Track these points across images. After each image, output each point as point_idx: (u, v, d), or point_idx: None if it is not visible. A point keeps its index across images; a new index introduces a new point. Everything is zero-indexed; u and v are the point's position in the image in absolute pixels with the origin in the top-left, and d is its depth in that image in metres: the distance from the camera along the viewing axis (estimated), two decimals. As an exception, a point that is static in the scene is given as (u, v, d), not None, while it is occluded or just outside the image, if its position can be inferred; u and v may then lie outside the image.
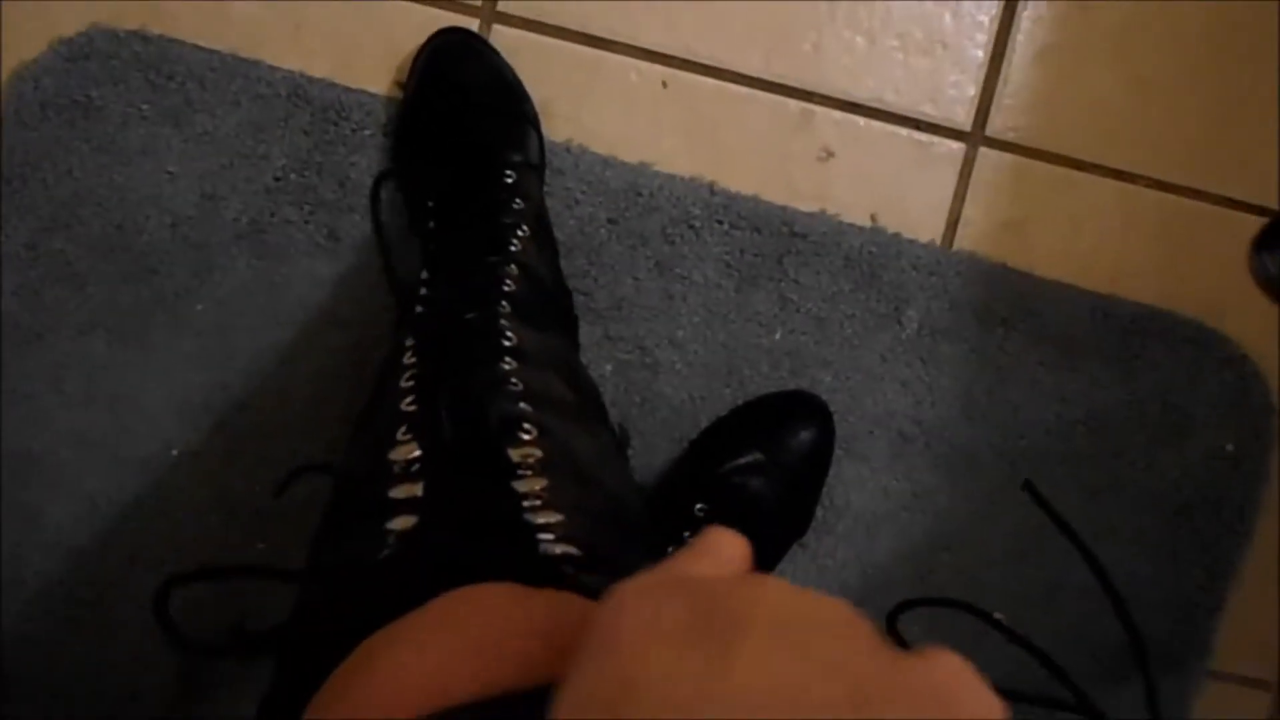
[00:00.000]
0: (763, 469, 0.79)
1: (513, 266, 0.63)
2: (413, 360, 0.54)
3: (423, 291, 0.63)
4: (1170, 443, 0.86)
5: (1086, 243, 0.85)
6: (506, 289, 0.60)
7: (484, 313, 0.57)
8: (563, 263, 0.79)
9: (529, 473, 0.44)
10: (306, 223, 0.79)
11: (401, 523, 0.41)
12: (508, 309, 0.58)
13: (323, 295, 0.80)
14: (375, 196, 0.73)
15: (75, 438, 0.79)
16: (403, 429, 0.47)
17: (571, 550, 0.39)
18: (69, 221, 0.78)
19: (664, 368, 0.82)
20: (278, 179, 0.79)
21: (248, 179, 0.79)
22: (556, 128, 0.81)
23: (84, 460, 0.79)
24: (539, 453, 0.45)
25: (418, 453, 0.45)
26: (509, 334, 0.55)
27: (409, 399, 0.50)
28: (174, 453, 0.80)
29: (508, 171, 0.71)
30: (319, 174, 0.79)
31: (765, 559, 0.80)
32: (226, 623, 0.71)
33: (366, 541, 0.41)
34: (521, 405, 0.49)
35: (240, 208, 0.79)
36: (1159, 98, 0.84)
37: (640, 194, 0.81)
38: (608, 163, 0.81)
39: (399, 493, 0.43)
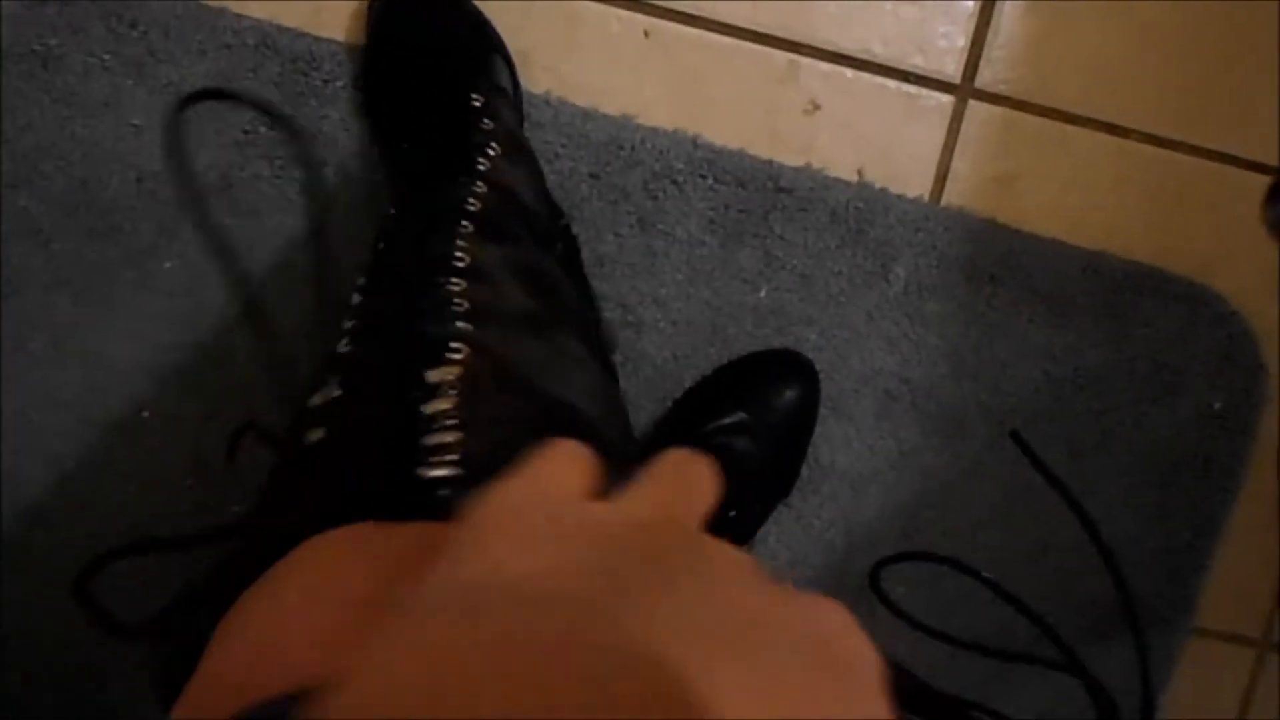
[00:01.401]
0: (747, 429, 0.78)
1: (480, 185, 0.60)
2: (358, 300, 0.52)
3: (386, 226, 0.60)
4: (1160, 401, 0.85)
5: (1078, 198, 0.84)
6: (470, 208, 0.57)
7: (441, 235, 0.55)
8: (543, 219, 0.77)
9: (449, 391, 0.42)
10: (277, 178, 0.77)
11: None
12: (470, 229, 0.55)
13: (294, 252, 0.78)
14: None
15: (43, 398, 0.77)
16: (332, 371, 0.45)
17: (449, 472, 0.37)
18: (31, 177, 0.75)
19: (647, 326, 0.80)
20: (246, 132, 0.76)
21: (216, 132, 0.76)
22: (535, 79, 0.78)
23: (52, 421, 0.77)
24: (459, 370, 0.43)
25: (337, 393, 0.43)
26: (460, 255, 0.52)
27: (345, 340, 0.48)
28: (144, 414, 0.78)
29: (474, 96, 0.68)
30: (289, 128, 0.77)
31: (750, 519, 0.79)
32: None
33: (280, 492, 0.40)
34: (458, 325, 0.46)
35: (209, 162, 0.76)
36: (1154, 50, 0.82)
37: (622, 148, 0.78)
38: (588, 115, 0.78)
39: (313, 436, 0.41)
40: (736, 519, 0.77)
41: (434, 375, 0.42)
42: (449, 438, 0.39)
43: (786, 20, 0.80)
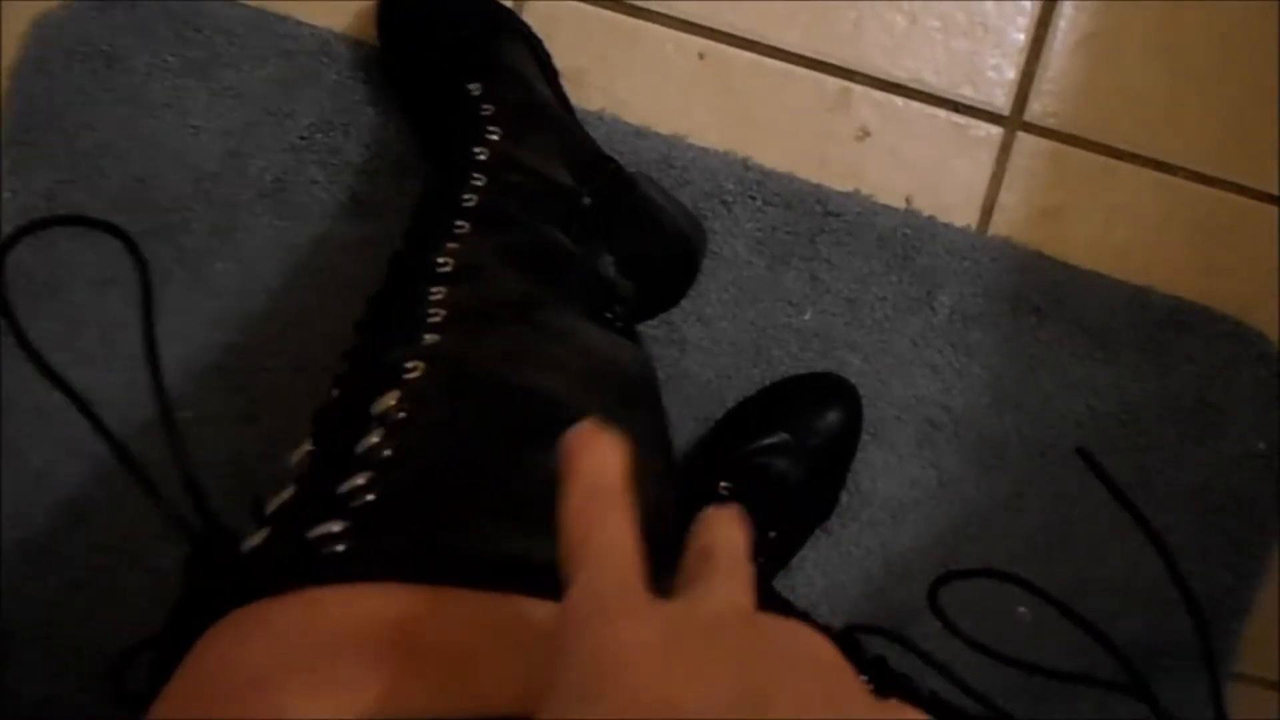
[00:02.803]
0: (788, 450, 0.77)
1: (477, 178, 0.59)
2: (354, 341, 0.52)
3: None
4: (1203, 440, 0.84)
5: (1123, 233, 0.84)
6: (467, 205, 0.57)
7: (429, 244, 0.54)
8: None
9: (385, 421, 0.40)
10: (331, 183, 0.78)
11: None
12: (466, 228, 0.55)
13: (344, 259, 0.78)
14: None
15: (89, 395, 0.77)
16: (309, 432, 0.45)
17: (332, 529, 0.35)
18: (89, 173, 0.76)
19: (691, 345, 0.80)
20: (303, 138, 0.77)
21: (273, 136, 0.77)
22: (590, 97, 0.79)
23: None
24: (402, 392, 0.41)
25: (309, 446, 0.43)
26: (444, 261, 0.51)
27: (333, 387, 0.47)
28: (187, 415, 0.78)
29: (471, 85, 0.68)
30: (345, 135, 0.78)
31: (789, 541, 0.78)
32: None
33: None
34: (425, 338, 0.45)
35: (264, 165, 0.77)
36: (1202, 88, 0.83)
37: (673, 166, 0.79)
38: (641, 133, 0.79)
39: (254, 539, 0.40)
40: (776, 540, 0.76)
41: (378, 406, 0.41)
42: (359, 480, 0.37)
43: (840, 47, 0.81)
